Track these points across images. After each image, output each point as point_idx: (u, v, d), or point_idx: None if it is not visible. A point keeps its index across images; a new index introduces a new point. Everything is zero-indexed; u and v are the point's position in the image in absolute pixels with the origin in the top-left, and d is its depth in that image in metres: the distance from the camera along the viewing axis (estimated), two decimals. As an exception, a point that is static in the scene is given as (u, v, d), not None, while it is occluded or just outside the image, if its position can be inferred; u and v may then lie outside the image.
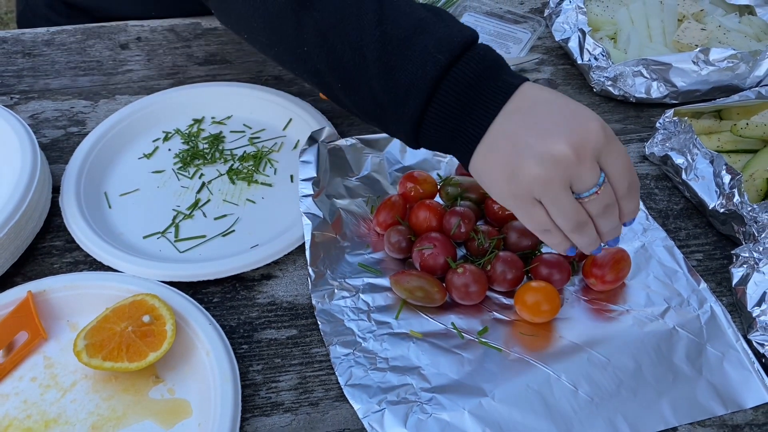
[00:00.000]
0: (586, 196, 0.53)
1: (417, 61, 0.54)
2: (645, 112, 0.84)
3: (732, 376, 0.59)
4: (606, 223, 0.56)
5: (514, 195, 0.54)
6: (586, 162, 0.52)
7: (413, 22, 0.56)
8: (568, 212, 0.54)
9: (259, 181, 0.74)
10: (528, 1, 1.00)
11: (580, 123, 0.52)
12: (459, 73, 0.54)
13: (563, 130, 0.51)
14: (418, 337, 0.62)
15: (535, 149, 0.52)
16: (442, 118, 0.55)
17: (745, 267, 0.64)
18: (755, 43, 0.88)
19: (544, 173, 0.52)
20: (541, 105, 0.53)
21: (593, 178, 0.52)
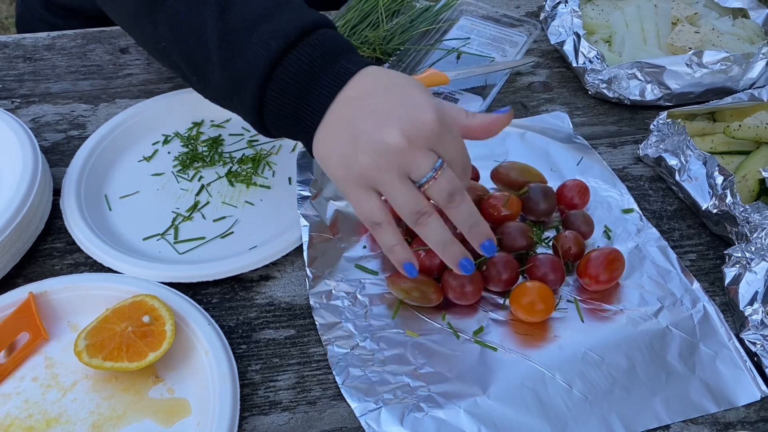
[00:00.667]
0: (424, 181, 0.53)
1: (253, 50, 0.55)
2: (639, 114, 0.85)
3: (724, 374, 0.60)
4: (460, 213, 0.55)
5: (349, 181, 0.55)
6: (419, 150, 0.52)
7: (258, 12, 0.57)
8: (405, 199, 0.54)
9: (257, 183, 0.75)
10: (524, 5, 1.01)
11: (415, 112, 0.52)
12: (293, 59, 0.54)
13: (397, 119, 0.52)
14: (415, 337, 0.63)
15: (369, 137, 0.52)
16: (280, 104, 0.56)
17: (738, 267, 0.65)
18: (748, 46, 0.89)
19: (378, 161, 0.52)
20: (378, 93, 0.54)
21: (428, 163, 0.53)
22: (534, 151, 0.79)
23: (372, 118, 0.53)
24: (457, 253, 0.57)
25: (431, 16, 0.96)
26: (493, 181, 0.75)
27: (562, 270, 0.66)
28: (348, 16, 0.93)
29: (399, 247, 0.57)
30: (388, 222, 0.56)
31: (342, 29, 0.92)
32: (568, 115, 0.83)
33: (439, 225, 0.56)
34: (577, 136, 0.81)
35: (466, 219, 0.56)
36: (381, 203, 0.55)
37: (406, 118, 0.52)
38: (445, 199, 0.55)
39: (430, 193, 0.54)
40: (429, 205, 0.55)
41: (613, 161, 0.79)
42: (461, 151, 0.55)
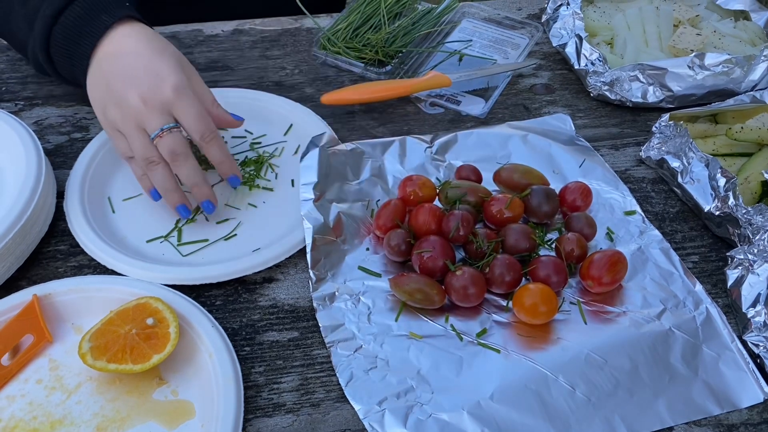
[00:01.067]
0: (154, 136, 0.65)
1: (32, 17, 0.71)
2: (641, 116, 0.85)
3: (727, 376, 0.60)
4: (182, 171, 0.67)
5: (104, 125, 0.70)
6: (153, 111, 0.65)
7: None
8: (138, 147, 0.66)
9: (260, 185, 0.75)
10: (526, 7, 1.01)
11: (154, 79, 0.65)
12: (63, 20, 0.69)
13: (138, 83, 0.65)
14: (418, 339, 0.63)
15: (115, 94, 0.66)
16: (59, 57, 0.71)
17: (740, 269, 0.65)
18: (750, 48, 0.89)
19: (120, 114, 0.66)
20: (129, 55, 0.67)
21: (158, 123, 0.65)
22: (536, 153, 0.79)
23: (119, 78, 0.66)
24: (176, 200, 0.69)
25: (433, 19, 0.96)
26: (495, 183, 0.75)
27: (564, 272, 0.66)
28: (350, 19, 0.93)
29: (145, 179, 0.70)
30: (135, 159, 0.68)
31: (344, 31, 0.92)
32: (570, 117, 0.84)
33: (165, 174, 0.67)
34: (579, 138, 0.81)
35: (188, 177, 0.68)
36: (127, 144, 0.68)
37: (146, 84, 0.65)
38: (168, 156, 0.66)
39: (158, 147, 0.66)
40: (158, 155, 0.67)
41: (615, 163, 0.79)
42: (196, 116, 0.66)
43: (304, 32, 0.96)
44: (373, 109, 0.85)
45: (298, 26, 0.97)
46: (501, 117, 0.85)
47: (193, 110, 0.66)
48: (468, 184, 0.73)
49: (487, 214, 0.71)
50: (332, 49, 0.90)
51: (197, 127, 0.66)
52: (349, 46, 0.90)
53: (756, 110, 0.80)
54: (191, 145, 0.69)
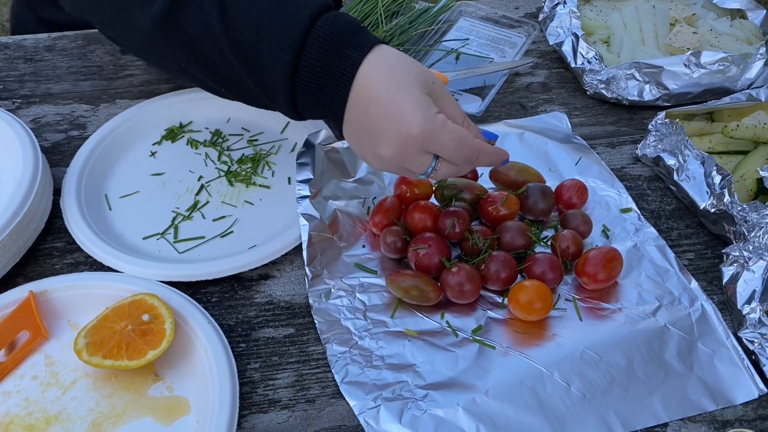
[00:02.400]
0: (425, 176, 0.60)
1: (269, 61, 0.59)
2: (638, 114, 0.85)
3: (722, 372, 0.60)
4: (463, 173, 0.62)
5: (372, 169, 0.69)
6: (412, 158, 0.58)
7: (254, 19, 0.59)
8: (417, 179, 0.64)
9: (257, 183, 0.75)
10: (523, 6, 1.02)
11: (400, 128, 0.57)
12: (305, 65, 0.58)
13: (387, 135, 0.57)
14: (414, 336, 0.63)
15: (369, 150, 0.60)
16: (309, 107, 0.61)
17: (736, 266, 0.65)
18: (746, 47, 0.89)
19: (381, 166, 0.61)
20: (372, 105, 0.58)
21: (423, 166, 0.59)
22: (533, 151, 0.79)
23: (368, 132, 0.59)
24: None
25: (430, 17, 0.96)
26: (492, 180, 0.75)
27: (560, 269, 0.66)
28: (347, 17, 0.93)
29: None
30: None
31: (341, 30, 0.92)
32: (566, 116, 0.84)
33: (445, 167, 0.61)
34: (575, 136, 0.81)
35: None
36: None
37: (393, 134, 0.57)
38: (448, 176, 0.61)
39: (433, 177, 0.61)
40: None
41: (611, 161, 0.79)
42: (455, 148, 0.58)
43: (302, 31, 0.96)
44: (369, 108, 0.85)
45: (296, 25, 0.97)
46: (498, 115, 0.85)
47: (449, 142, 0.58)
48: (464, 181, 0.73)
49: (483, 212, 0.71)
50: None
51: (459, 153, 0.59)
52: (346, 45, 0.90)
53: (752, 108, 0.80)
54: None
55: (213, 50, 0.61)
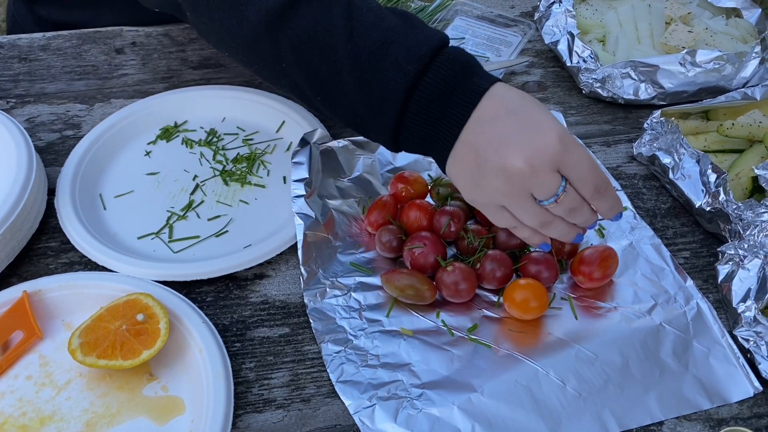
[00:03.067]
0: (547, 203, 0.55)
1: (388, 73, 0.56)
2: (633, 113, 0.85)
3: (718, 371, 0.60)
4: (576, 220, 0.58)
5: (479, 202, 0.58)
6: (543, 174, 0.53)
7: (382, 33, 0.57)
8: (531, 216, 0.57)
9: (252, 182, 0.75)
10: (519, 5, 1.02)
11: (536, 136, 0.53)
12: (429, 82, 0.56)
13: (519, 145, 0.53)
14: (409, 335, 0.63)
15: (493, 163, 0.54)
16: (417, 125, 0.57)
17: (731, 264, 0.65)
18: (741, 45, 0.89)
19: (503, 186, 0.55)
20: (503, 117, 0.54)
21: (552, 187, 0.54)
22: (528, 150, 0.79)
23: (495, 144, 0.54)
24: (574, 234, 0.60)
25: (426, 17, 0.96)
26: (487, 179, 0.75)
27: (555, 268, 0.66)
28: (343, 17, 0.93)
29: (533, 237, 0.60)
30: (520, 225, 0.59)
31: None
32: (562, 115, 0.84)
33: (562, 225, 0.58)
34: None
35: (584, 222, 0.59)
36: (511, 215, 0.58)
37: (526, 144, 0.53)
38: (566, 214, 0.57)
39: (553, 211, 0.56)
40: (552, 215, 0.57)
41: (607, 160, 0.79)
42: (589, 169, 0.55)
43: (297, 30, 0.96)
44: (365, 107, 0.85)
45: (291, 24, 0.97)
46: (493, 114, 0.85)
47: (585, 161, 0.54)
48: (460, 180, 0.73)
49: (478, 211, 0.71)
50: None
51: (592, 179, 0.55)
52: (341, 44, 0.90)
53: (747, 107, 0.80)
54: None
55: (325, 54, 0.58)
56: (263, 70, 0.65)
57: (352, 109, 0.60)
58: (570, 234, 0.60)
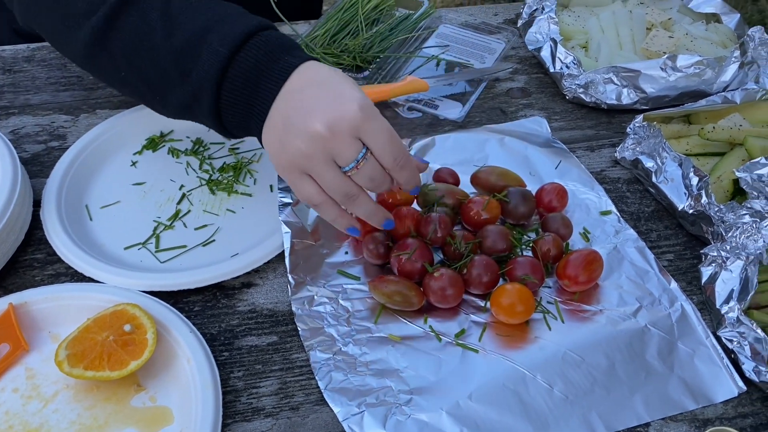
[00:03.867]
0: (348, 169, 0.59)
1: (204, 58, 0.61)
2: (616, 118, 0.86)
3: (702, 371, 0.61)
4: (379, 189, 0.62)
5: (284, 167, 0.61)
6: (342, 139, 0.57)
7: (200, 24, 0.62)
8: (333, 184, 0.60)
9: (239, 191, 0.75)
10: (502, 13, 1.03)
11: (339, 104, 0.57)
12: (241, 60, 0.60)
13: (322, 111, 0.57)
14: (397, 341, 0.63)
15: (297, 127, 0.58)
16: (233, 105, 0.62)
17: (714, 266, 0.66)
18: (721, 50, 0.90)
19: (305, 148, 0.58)
20: (311, 87, 0.59)
21: (352, 153, 0.58)
22: (513, 156, 0.80)
23: (301, 110, 0.58)
24: (381, 217, 0.65)
25: (410, 25, 0.97)
26: (473, 185, 0.76)
27: (541, 272, 0.66)
28: (328, 25, 0.94)
29: (340, 218, 0.64)
30: (324, 201, 0.62)
31: (322, 38, 0.92)
32: (546, 120, 0.84)
33: (367, 201, 0.62)
34: (555, 141, 0.82)
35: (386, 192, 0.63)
36: (315, 186, 0.61)
37: (330, 110, 0.57)
38: (367, 184, 0.61)
39: (354, 179, 0.60)
40: (357, 187, 0.61)
41: (590, 164, 0.80)
42: (388, 139, 0.59)
43: (283, 39, 0.96)
44: (351, 114, 0.86)
45: (277, 33, 0.97)
46: (478, 120, 0.86)
47: (384, 131, 0.58)
48: (446, 186, 0.73)
49: (464, 216, 0.72)
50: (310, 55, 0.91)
51: (390, 148, 0.59)
52: (327, 52, 0.91)
53: (727, 110, 0.81)
54: None
55: (150, 56, 0.63)
56: (113, 84, 0.71)
57: (182, 101, 0.63)
58: (377, 215, 0.64)
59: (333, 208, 0.63)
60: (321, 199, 0.61)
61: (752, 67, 0.86)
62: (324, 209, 0.63)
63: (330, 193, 0.60)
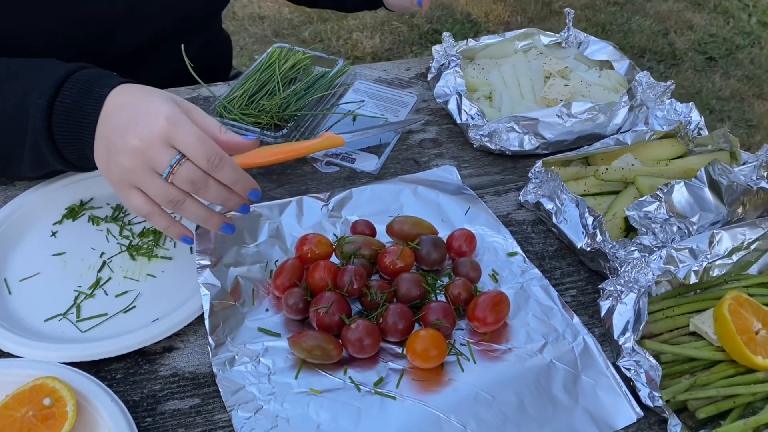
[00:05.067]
0: (166, 175, 0.65)
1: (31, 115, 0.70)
2: (521, 163, 0.92)
3: (604, 401, 0.65)
4: (209, 194, 0.67)
5: (115, 183, 0.68)
6: (155, 148, 0.64)
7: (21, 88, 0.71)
8: (157, 192, 0.66)
9: (159, 255, 0.77)
10: (413, 67, 1.08)
11: (149, 118, 0.65)
12: (59, 104, 0.70)
13: (135, 127, 0.65)
14: (318, 394, 0.65)
15: (117, 146, 0.66)
16: (66, 140, 0.70)
17: (611, 299, 0.71)
18: (613, 95, 0.98)
19: (127, 163, 0.65)
20: (124, 109, 0.67)
21: (166, 159, 0.65)
22: (426, 204, 0.84)
23: (118, 130, 0.66)
24: (217, 222, 0.71)
25: (326, 82, 1.01)
26: (388, 234, 0.79)
27: (453, 316, 0.70)
28: (246, 86, 0.97)
29: (171, 228, 0.70)
30: (152, 210, 0.68)
31: (240, 99, 0.96)
32: (456, 168, 0.89)
33: (195, 205, 0.68)
34: (465, 188, 0.87)
35: (218, 195, 0.68)
36: (143, 197, 0.67)
37: (140, 125, 0.65)
38: (189, 187, 0.66)
39: (175, 183, 0.66)
40: (181, 192, 0.66)
41: (498, 208, 0.85)
42: (197, 142, 0.65)
43: (201, 101, 0.99)
44: (271, 172, 0.89)
45: (195, 95, 1.00)
46: (393, 171, 0.90)
47: (191, 135, 0.64)
48: (362, 238, 0.77)
49: (381, 266, 0.75)
50: (228, 116, 0.94)
51: (201, 150, 0.65)
52: (245, 113, 0.94)
53: (620, 151, 0.88)
54: None
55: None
56: None
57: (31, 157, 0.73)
58: (211, 219, 0.70)
59: (163, 218, 0.69)
60: (149, 208, 0.67)
61: (642, 109, 0.94)
62: (154, 219, 0.69)
63: (156, 200, 0.67)
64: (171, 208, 0.67)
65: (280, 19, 3.09)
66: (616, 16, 2.96)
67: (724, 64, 2.75)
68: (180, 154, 0.65)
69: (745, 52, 2.81)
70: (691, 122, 0.91)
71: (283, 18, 3.10)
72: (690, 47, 2.84)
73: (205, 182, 0.66)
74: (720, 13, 3.07)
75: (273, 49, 1.05)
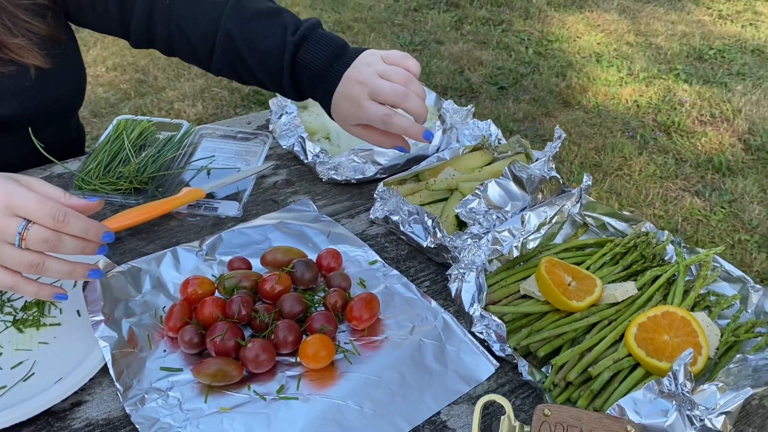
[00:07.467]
0: (17, 242, 0.69)
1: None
2: (366, 187, 1.06)
3: (467, 361, 0.80)
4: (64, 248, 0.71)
5: None
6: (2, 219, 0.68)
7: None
8: (13, 260, 0.70)
9: (47, 323, 0.80)
10: (254, 121, 1.20)
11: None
12: None
13: None
14: (228, 411, 0.72)
15: None
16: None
17: (457, 281, 0.87)
18: (428, 122, 1.16)
19: None
20: None
21: (13, 228, 0.69)
22: (291, 235, 0.95)
23: None
24: (83, 270, 0.74)
25: (175, 144, 1.09)
26: (263, 265, 0.89)
27: (334, 320, 0.81)
28: (99, 158, 1.02)
29: (41, 291, 0.73)
30: (16, 281, 0.71)
31: (96, 170, 1.00)
32: (311, 201, 1.02)
33: (56, 262, 0.72)
34: (322, 216, 0.99)
35: (74, 246, 0.72)
36: (4, 271, 0.70)
37: None
38: (44, 247, 0.70)
39: (30, 247, 0.69)
40: (38, 254, 0.70)
41: (354, 228, 0.98)
42: (37, 205, 0.68)
43: (56, 178, 1.03)
44: (140, 231, 0.95)
45: (48, 174, 1.03)
46: (255, 213, 1.00)
47: (30, 199, 0.67)
48: (241, 272, 0.86)
49: (262, 292, 0.84)
50: (87, 188, 0.99)
51: (43, 211, 0.67)
52: (103, 182, 0.99)
53: (443, 166, 1.05)
54: None
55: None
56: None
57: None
58: (76, 271, 0.73)
59: (29, 285, 0.72)
60: (12, 279, 0.70)
61: (452, 130, 1.13)
62: (20, 288, 0.71)
63: (17, 269, 0.70)
64: (33, 272, 0.70)
65: (96, 99, 3.04)
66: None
67: (513, 91, 3.18)
68: (26, 221, 0.68)
69: (528, 79, 3.28)
70: (492, 135, 1.11)
71: (98, 98, 3.06)
72: (483, 80, 3.26)
73: (58, 238, 0.70)
74: (502, 48, 3.56)
75: (117, 122, 1.12)
